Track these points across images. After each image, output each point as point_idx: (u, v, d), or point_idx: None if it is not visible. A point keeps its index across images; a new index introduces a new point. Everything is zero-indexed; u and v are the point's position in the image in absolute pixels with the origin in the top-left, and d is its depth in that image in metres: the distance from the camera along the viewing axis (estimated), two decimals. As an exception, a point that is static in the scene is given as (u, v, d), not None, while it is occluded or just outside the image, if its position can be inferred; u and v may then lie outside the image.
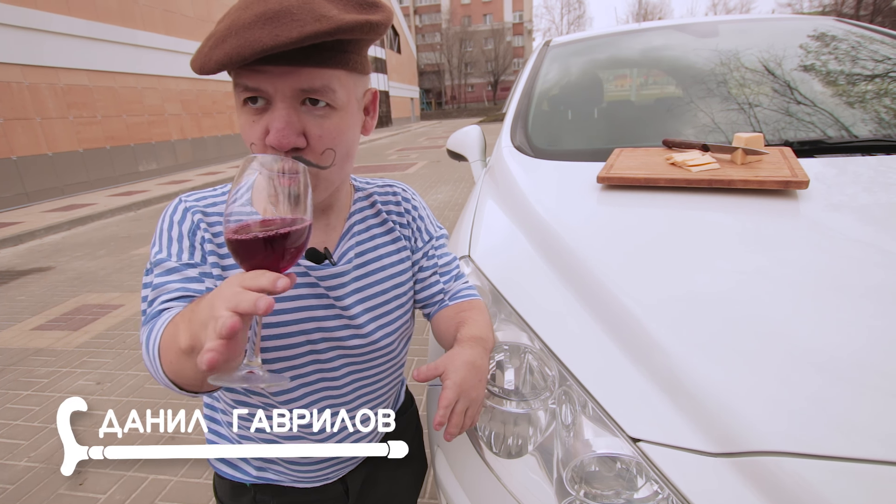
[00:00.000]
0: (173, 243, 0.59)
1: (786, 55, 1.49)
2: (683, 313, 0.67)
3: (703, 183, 0.88)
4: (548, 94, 1.68)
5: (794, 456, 0.48)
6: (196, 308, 0.45)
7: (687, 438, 0.55)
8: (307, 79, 0.50)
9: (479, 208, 1.20)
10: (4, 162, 7.44)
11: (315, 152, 0.54)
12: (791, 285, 0.67)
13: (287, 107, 0.51)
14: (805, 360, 0.57)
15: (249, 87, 0.50)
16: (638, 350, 0.66)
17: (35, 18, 7.77)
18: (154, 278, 0.57)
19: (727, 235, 0.80)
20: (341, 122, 0.55)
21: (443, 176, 8.32)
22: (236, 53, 0.46)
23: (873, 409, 0.51)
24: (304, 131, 0.52)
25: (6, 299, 3.76)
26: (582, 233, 0.86)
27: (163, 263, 0.57)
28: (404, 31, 37.39)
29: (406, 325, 0.73)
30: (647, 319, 0.67)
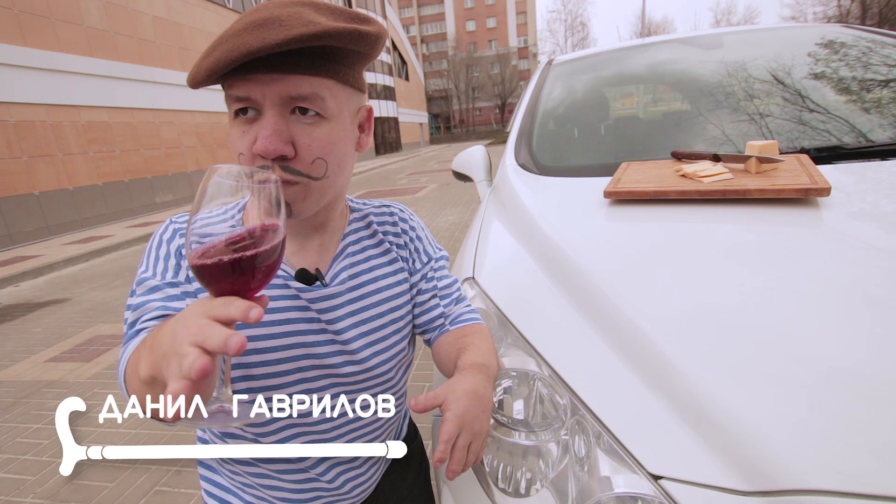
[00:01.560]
0: (159, 262, 0.57)
1: (795, 63, 1.45)
2: (703, 334, 0.62)
3: (717, 194, 0.83)
4: (551, 111, 1.66)
5: (839, 496, 0.43)
6: (157, 335, 0.42)
7: (714, 475, 0.49)
8: (295, 85, 0.49)
9: (483, 229, 1.17)
10: (28, 197, 7.68)
11: (304, 161, 0.52)
12: (818, 300, 0.62)
13: (275, 114, 0.50)
14: (840, 382, 0.51)
15: (239, 97, 0.50)
16: (655, 375, 0.61)
17: (60, 60, 8.13)
18: (136, 298, 0.55)
19: (745, 248, 0.75)
20: (331, 131, 0.53)
21: (453, 198, 8.35)
22: (224, 58, 0.45)
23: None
24: (292, 140, 0.51)
25: (23, 331, 3.80)
26: (590, 251, 0.82)
27: (146, 282, 0.56)
28: (412, 59, 38.33)
29: (404, 350, 0.69)
30: (663, 342, 0.62)
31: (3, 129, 7.32)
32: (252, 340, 0.57)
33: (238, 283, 0.38)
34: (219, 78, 0.51)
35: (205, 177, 0.39)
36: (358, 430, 0.66)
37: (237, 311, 0.35)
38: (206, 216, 0.39)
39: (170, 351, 0.36)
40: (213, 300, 0.37)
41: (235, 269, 0.38)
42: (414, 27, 60.29)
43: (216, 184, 0.39)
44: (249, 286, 0.39)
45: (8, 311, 4.45)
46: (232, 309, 0.35)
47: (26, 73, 7.62)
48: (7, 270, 5.76)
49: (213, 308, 0.36)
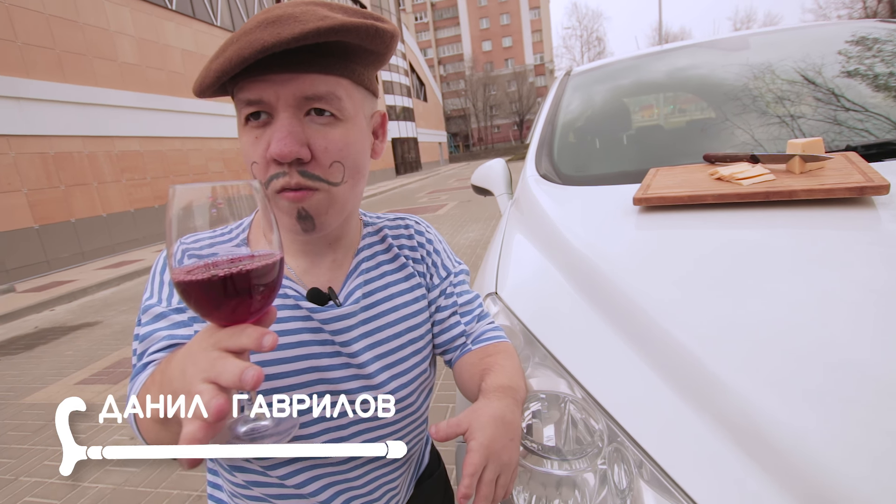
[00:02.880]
0: (164, 287, 0.54)
1: (829, 60, 1.38)
2: (753, 349, 0.55)
3: (759, 196, 0.77)
4: (572, 120, 1.62)
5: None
6: (166, 370, 0.39)
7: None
8: (310, 85, 0.47)
9: (505, 242, 1.12)
10: (65, 225, 8.01)
11: (322, 165, 0.49)
12: (882, 310, 0.55)
13: (290, 116, 0.47)
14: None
15: (251, 100, 0.47)
16: (701, 396, 0.54)
17: (96, 95, 8.56)
18: (143, 328, 0.52)
19: (795, 254, 0.68)
20: (348, 133, 0.51)
21: (474, 215, 8.32)
22: (236, 55, 0.43)
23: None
24: (308, 143, 0.48)
25: (55, 354, 3.90)
26: (622, 261, 0.76)
27: (151, 309, 0.53)
28: (429, 80, 39.05)
29: (425, 374, 0.64)
30: (709, 359, 0.56)
31: (42, 160, 7.69)
32: (263, 365, 0.53)
33: (236, 307, 0.34)
34: (227, 82, 0.49)
35: (168, 200, 0.34)
36: (376, 466, 0.61)
37: (249, 340, 0.32)
38: (205, 236, 0.36)
39: (179, 386, 0.34)
40: (222, 331, 0.34)
41: (228, 287, 0.33)
42: (431, 50, 61.61)
43: (191, 196, 0.34)
44: (249, 310, 0.35)
45: (43, 335, 4.58)
46: (244, 338, 0.32)
47: (66, 107, 8.04)
48: (44, 295, 5.97)
49: (223, 339, 0.33)
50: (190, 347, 0.36)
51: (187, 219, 0.34)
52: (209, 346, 0.33)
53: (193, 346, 0.35)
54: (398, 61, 28.88)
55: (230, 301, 0.34)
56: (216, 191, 0.35)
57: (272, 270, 0.36)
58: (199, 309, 0.34)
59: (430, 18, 61.99)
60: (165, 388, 0.36)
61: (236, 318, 0.34)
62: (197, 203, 0.34)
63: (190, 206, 0.34)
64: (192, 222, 0.34)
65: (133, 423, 0.46)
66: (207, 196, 0.35)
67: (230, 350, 0.32)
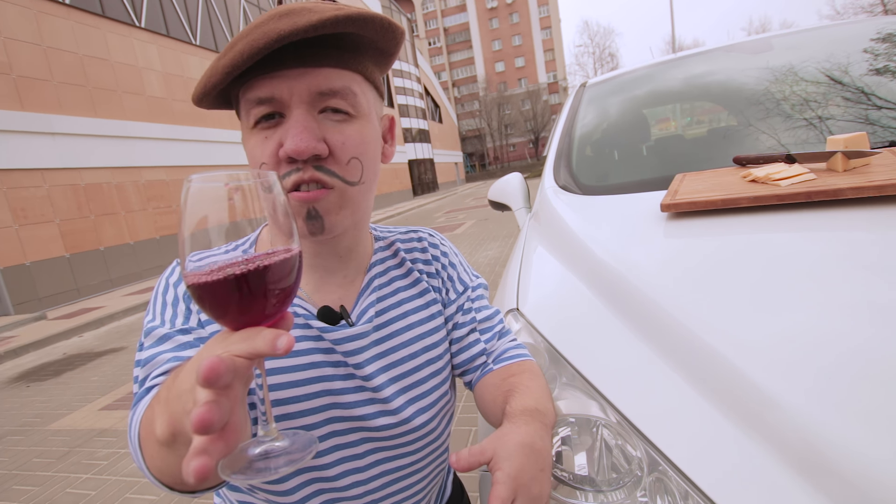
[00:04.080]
0: (167, 308, 0.51)
1: (857, 58, 1.31)
2: (805, 364, 0.49)
3: (800, 197, 0.71)
4: (590, 130, 1.58)
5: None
6: (173, 385, 0.35)
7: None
8: (326, 79, 0.45)
9: (525, 256, 1.08)
10: (94, 253, 8.27)
11: (340, 162, 0.46)
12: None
13: (304, 112, 0.44)
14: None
15: (262, 99, 0.45)
16: (751, 416, 0.49)
17: (125, 128, 8.92)
18: (145, 352, 0.49)
19: (846, 259, 0.62)
20: (363, 130, 0.48)
21: (491, 233, 8.28)
22: (249, 47, 0.40)
23: None
24: (324, 139, 0.45)
25: (82, 380, 3.95)
26: (652, 271, 0.71)
27: (153, 332, 0.49)
28: (444, 103, 39.67)
29: (445, 398, 0.60)
30: (759, 374, 0.50)
31: (74, 192, 8.01)
32: (274, 389, 0.50)
33: (249, 308, 0.32)
34: (232, 86, 0.47)
35: (182, 193, 0.32)
36: (405, 491, 0.56)
37: (263, 343, 0.29)
38: (210, 253, 0.33)
39: (189, 398, 0.31)
40: (233, 334, 0.31)
41: (243, 287, 0.31)
42: (445, 73, 62.85)
43: (203, 189, 0.32)
44: (263, 312, 0.32)
45: (70, 361, 4.67)
46: (258, 340, 0.29)
47: (96, 140, 8.39)
48: (73, 322, 6.12)
49: (233, 343, 0.30)
50: (200, 355, 0.33)
51: (200, 214, 0.32)
52: (217, 351, 0.30)
53: (203, 353, 0.32)
54: (413, 85, 29.47)
55: (246, 300, 0.31)
56: (231, 188, 0.32)
57: (290, 264, 0.33)
58: (213, 310, 0.32)
59: (443, 43, 63.43)
60: (173, 406, 0.33)
61: (252, 318, 0.32)
62: (212, 204, 0.32)
63: (204, 204, 0.32)
64: (206, 222, 0.32)
65: (137, 455, 0.43)
66: (223, 194, 0.32)
67: (242, 356, 0.29)
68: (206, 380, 0.26)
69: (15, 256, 7.04)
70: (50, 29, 7.83)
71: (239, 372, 0.29)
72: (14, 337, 5.82)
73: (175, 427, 0.34)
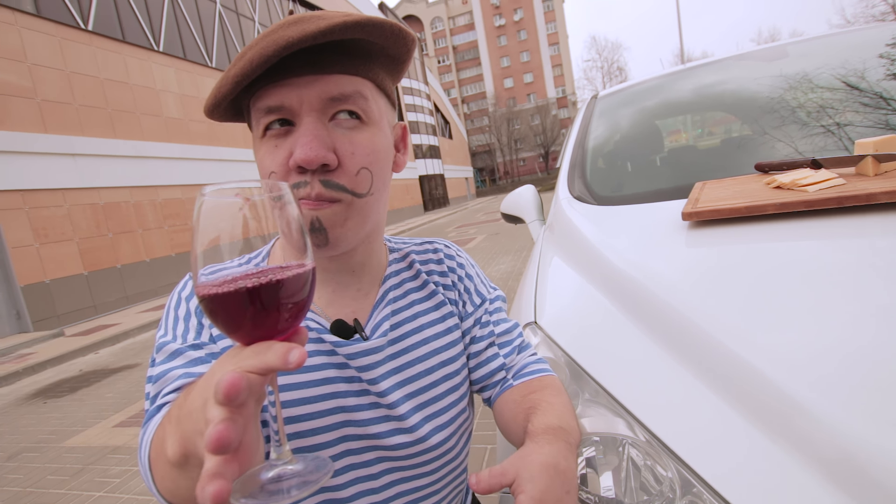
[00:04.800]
0: (179, 323, 0.50)
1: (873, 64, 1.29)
2: (842, 375, 0.47)
3: (830, 202, 0.68)
4: (603, 141, 1.56)
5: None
6: (185, 403, 0.34)
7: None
8: (336, 85, 0.44)
9: (541, 268, 1.05)
10: (111, 270, 8.41)
11: (348, 173, 0.45)
12: None
13: (314, 120, 0.44)
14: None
15: (271, 107, 0.44)
16: (787, 429, 0.46)
17: (143, 148, 9.14)
18: (156, 368, 0.48)
19: (882, 266, 0.59)
20: (374, 138, 0.47)
21: (503, 247, 8.25)
22: (258, 55, 0.40)
23: None
24: (334, 149, 0.44)
25: (96, 397, 3.98)
26: (677, 281, 0.68)
27: (165, 347, 0.48)
28: (454, 119, 40.07)
29: (463, 415, 0.57)
30: (796, 387, 0.47)
31: (93, 211, 8.19)
32: (285, 406, 0.48)
33: (261, 323, 0.31)
34: (243, 96, 0.46)
35: (195, 207, 0.31)
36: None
37: (275, 357, 0.28)
38: (222, 267, 0.32)
39: (200, 417, 0.30)
40: (244, 349, 0.30)
41: (255, 301, 0.30)
42: (454, 90, 63.64)
43: (215, 202, 0.31)
44: (276, 327, 0.31)
45: (86, 378, 4.71)
46: (270, 354, 0.28)
47: (115, 160, 8.60)
48: (89, 339, 6.20)
49: (244, 358, 0.29)
50: (212, 372, 0.32)
51: (214, 226, 0.31)
52: (228, 367, 0.29)
53: (214, 371, 0.31)
54: (423, 102, 29.85)
55: (258, 314, 0.30)
56: (244, 201, 0.32)
57: (304, 279, 0.32)
58: (225, 325, 0.31)
59: (452, 61, 64.38)
60: (184, 424, 0.32)
61: (263, 332, 0.31)
62: (225, 216, 0.31)
63: (218, 216, 0.31)
64: (218, 233, 0.31)
65: (147, 475, 0.41)
66: (236, 208, 0.31)
67: (254, 371, 0.28)
68: (226, 396, 0.25)
69: (35, 275, 7.18)
70: (73, 54, 8.11)
71: (252, 389, 0.27)
72: (33, 353, 5.90)
73: (187, 447, 0.32)
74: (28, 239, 7.14)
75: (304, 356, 0.28)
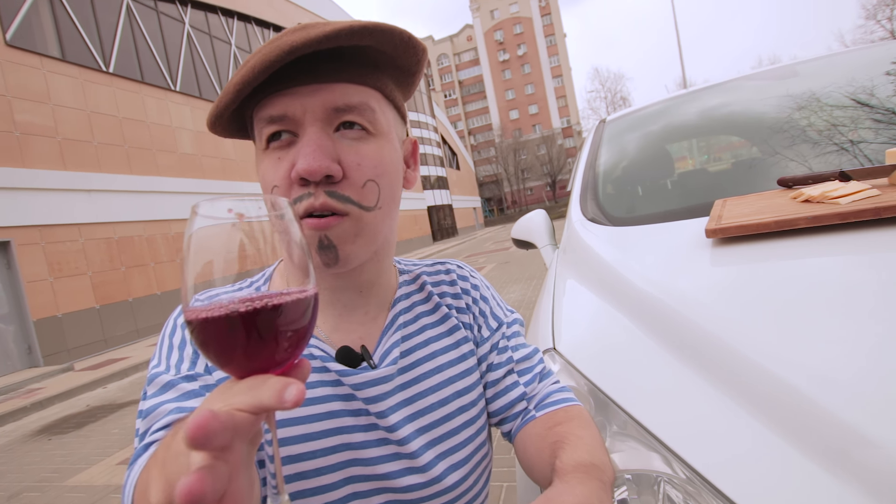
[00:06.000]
0: (173, 352, 0.46)
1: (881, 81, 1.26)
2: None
3: (866, 214, 0.64)
4: (615, 161, 1.54)
5: None
6: (171, 444, 0.30)
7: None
8: (342, 94, 0.42)
9: (557, 292, 1.01)
10: (122, 304, 8.45)
11: (354, 185, 0.43)
12: None
13: (318, 130, 0.42)
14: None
15: (274, 117, 0.42)
16: (843, 458, 0.41)
17: (157, 183, 9.35)
18: (147, 401, 0.44)
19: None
20: (382, 149, 0.45)
21: (513, 276, 8.19)
22: (260, 62, 0.38)
23: None
24: (339, 159, 0.42)
25: (102, 433, 3.91)
26: (707, 301, 0.64)
27: (157, 379, 0.44)
28: (461, 150, 40.72)
29: (481, 451, 0.52)
30: (847, 412, 0.43)
31: (107, 245, 8.31)
32: (285, 444, 0.44)
33: (257, 354, 0.27)
34: (247, 102, 0.44)
35: (188, 225, 0.28)
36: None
37: (269, 394, 0.24)
38: (218, 291, 0.29)
39: (186, 461, 0.26)
40: (237, 383, 0.26)
41: (250, 328, 0.26)
42: (461, 122, 65.02)
43: (209, 218, 0.28)
44: (273, 359, 0.28)
45: (93, 413, 4.65)
46: (263, 391, 0.25)
47: (130, 195, 8.80)
48: (99, 373, 6.17)
49: (237, 393, 0.25)
50: (200, 409, 0.28)
51: (206, 246, 0.28)
52: (220, 403, 0.26)
53: (202, 408, 0.27)
54: (430, 134, 30.44)
55: (252, 343, 0.27)
56: (241, 220, 0.29)
57: (304, 306, 0.29)
58: (216, 355, 0.28)
59: (458, 94, 66.06)
60: (170, 468, 0.28)
61: (259, 365, 0.28)
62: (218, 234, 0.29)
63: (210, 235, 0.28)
64: (211, 251, 0.28)
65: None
66: (232, 228, 0.29)
67: (246, 410, 0.24)
68: (192, 439, 0.21)
69: (48, 309, 7.24)
70: (94, 95, 8.44)
71: (240, 429, 0.24)
72: (41, 389, 5.87)
73: (172, 495, 0.28)
74: (43, 273, 7.23)
75: (303, 394, 0.25)
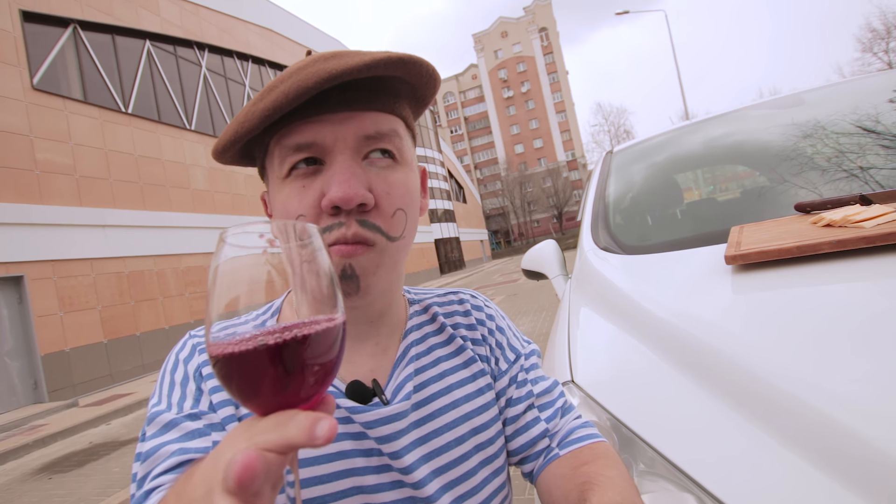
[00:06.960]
0: (175, 389, 0.44)
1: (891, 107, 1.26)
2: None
3: (892, 238, 0.62)
4: (624, 190, 1.54)
5: None
6: (185, 488, 0.29)
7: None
8: (373, 123, 0.42)
9: (572, 323, 0.99)
10: (130, 339, 8.44)
11: (384, 214, 0.42)
12: None
13: (349, 158, 0.41)
14: None
15: (302, 145, 0.41)
16: (887, 492, 0.38)
17: (170, 218, 9.52)
18: (146, 443, 0.41)
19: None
20: (408, 178, 0.45)
21: (522, 307, 8.11)
22: (295, 88, 0.38)
23: None
24: (370, 188, 0.42)
25: (104, 472, 3.81)
26: (730, 329, 0.61)
27: (158, 418, 0.42)
28: (467, 184, 41.25)
29: (501, 493, 0.49)
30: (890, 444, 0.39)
31: (118, 279, 8.38)
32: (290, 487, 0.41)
33: (283, 388, 0.25)
34: (266, 130, 0.43)
35: (215, 253, 0.27)
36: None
37: (298, 431, 0.23)
38: (231, 323, 0.28)
39: (201, 499, 0.25)
40: (260, 421, 0.24)
41: (277, 362, 0.25)
42: (467, 157, 66.19)
43: (237, 247, 0.27)
44: (299, 393, 0.26)
45: (95, 451, 4.55)
46: (292, 428, 0.23)
47: (143, 231, 8.94)
48: (103, 409, 6.08)
49: (262, 431, 0.23)
50: (219, 450, 0.26)
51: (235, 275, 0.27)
52: (242, 442, 0.24)
53: (223, 446, 0.26)
54: (437, 169, 30.95)
55: (281, 377, 0.25)
56: (270, 250, 0.28)
57: (334, 336, 0.27)
58: (239, 390, 0.26)
59: (464, 130, 67.58)
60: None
61: (285, 400, 0.26)
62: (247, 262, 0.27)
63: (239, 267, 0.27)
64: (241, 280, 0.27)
65: None
66: (263, 258, 0.27)
67: (272, 449, 0.22)
68: (239, 483, 0.20)
69: (56, 343, 7.23)
70: (112, 134, 8.72)
71: (270, 471, 0.22)
72: (45, 425, 5.79)
73: None
74: (53, 308, 7.27)
75: (335, 429, 0.23)
